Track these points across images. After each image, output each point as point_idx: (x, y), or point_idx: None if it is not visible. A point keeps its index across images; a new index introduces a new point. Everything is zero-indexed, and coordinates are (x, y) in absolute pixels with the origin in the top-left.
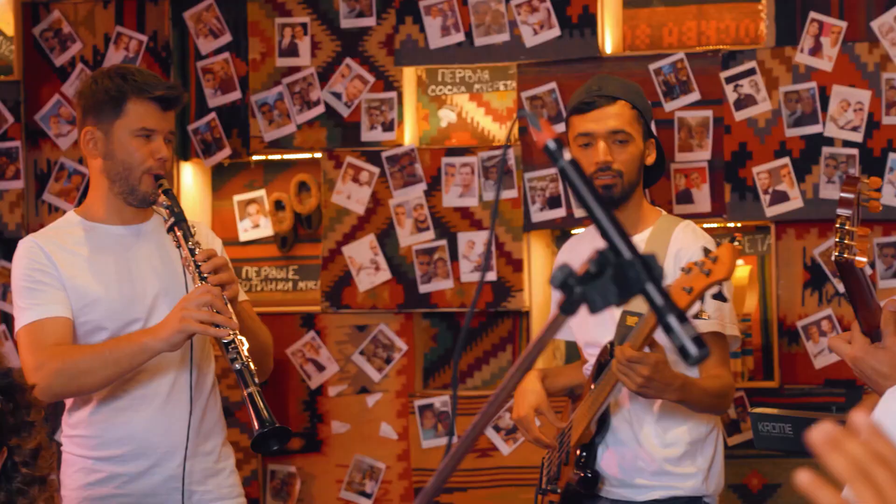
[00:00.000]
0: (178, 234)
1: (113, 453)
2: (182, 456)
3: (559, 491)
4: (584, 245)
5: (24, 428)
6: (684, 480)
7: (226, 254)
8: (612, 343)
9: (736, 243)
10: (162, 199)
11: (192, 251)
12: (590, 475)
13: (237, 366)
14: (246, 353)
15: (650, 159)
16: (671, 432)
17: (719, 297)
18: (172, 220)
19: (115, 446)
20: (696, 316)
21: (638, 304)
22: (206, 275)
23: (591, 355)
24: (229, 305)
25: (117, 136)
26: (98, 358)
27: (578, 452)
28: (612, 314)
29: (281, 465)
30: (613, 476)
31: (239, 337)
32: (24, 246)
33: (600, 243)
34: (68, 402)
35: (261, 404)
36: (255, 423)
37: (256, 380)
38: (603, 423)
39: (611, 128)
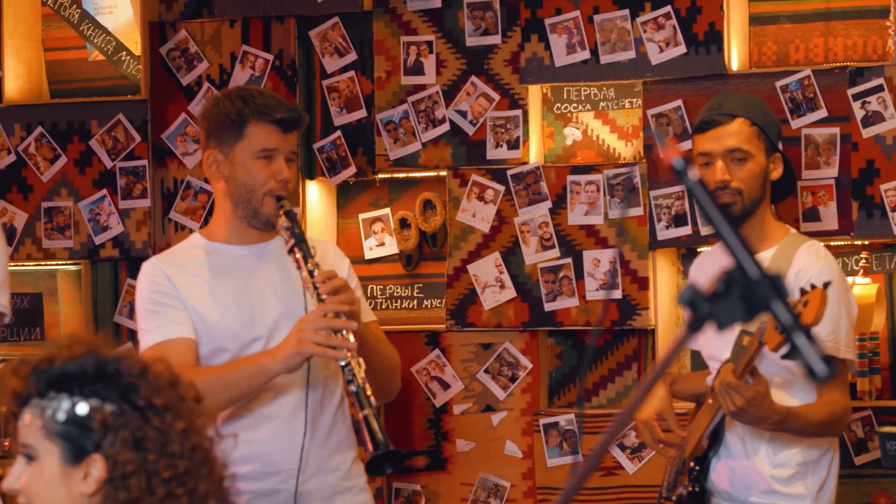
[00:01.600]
0: (298, 255)
1: (239, 472)
2: (308, 474)
3: (673, 499)
4: (714, 262)
5: (132, 444)
6: (794, 501)
7: (353, 274)
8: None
9: (829, 289)
10: (282, 220)
11: (311, 272)
12: (697, 490)
13: (353, 388)
14: (362, 376)
15: (776, 174)
16: (782, 453)
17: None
18: (293, 241)
19: (238, 464)
20: (784, 357)
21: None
22: (324, 296)
23: (714, 368)
24: (351, 325)
25: (239, 158)
26: (218, 380)
27: (692, 464)
28: (735, 331)
29: (406, 483)
30: (724, 490)
31: (356, 359)
32: (146, 269)
33: (728, 260)
34: None
35: (375, 427)
36: (370, 446)
37: (373, 402)
38: (717, 436)
39: (728, 146)
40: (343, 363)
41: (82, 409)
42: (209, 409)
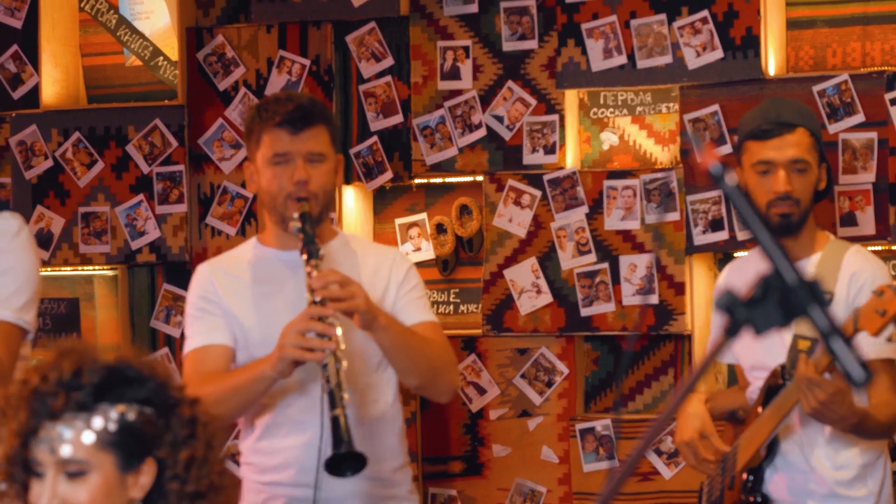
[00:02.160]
0: (304, 257)
1: (277, 478)
2: (331, 481)
3: None
4: (749, 267)
5: (176, 441)
6: (857, 503)
7: (412, 277)
8: (783, 367)
9: None
10: (294, 222)
11: (308, 274)
12: (759, 500)
13: (328, 388)
14: (339, 377)
15: (822, 184)
16: (842, 455)
17: None
18: (302, 243)
19: (278, 471)
20: (889, 339)
21: (810, 328)
22: (317, 299)
23: (756, 378)
24: (335, 328)
25: (260, 167)
26: (224, 387)
27: (745, 476)
28: (782, 337)
29: (442, 488)
30: (782, 500)
31: (336, 360)
32: (197, 273)
33: (764, 266)
34: (240, 430)
35: (342, 427)
36: (332, 444)
37: (345, 403)
38: (771, 447)
39: (791, 157)
40: (323, 364)
41: (132, 415)
42: (224, 416)
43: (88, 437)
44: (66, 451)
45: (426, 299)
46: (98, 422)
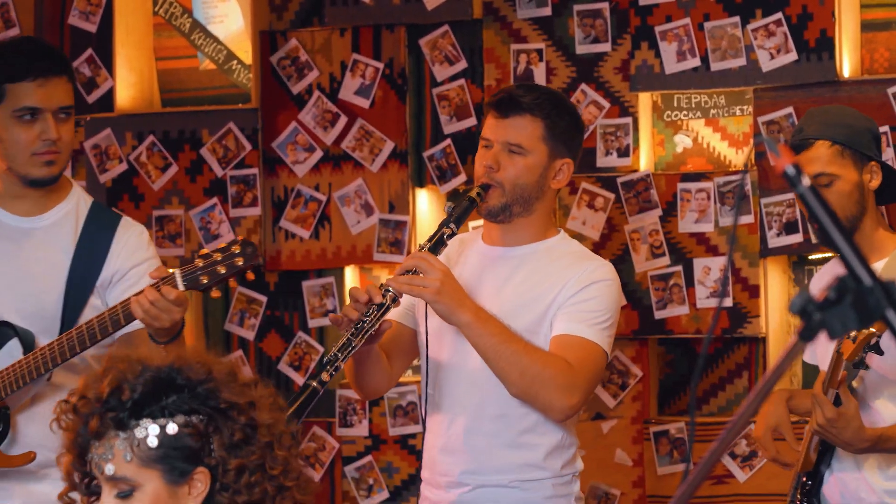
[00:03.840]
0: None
1: (434, 479)
2: (470, 486)
3: None
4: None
5: (228, 447)
6: None
7: (590, 292)
8: None
9: None
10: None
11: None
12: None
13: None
14: (338, 353)
15: (874, 183)
16: (895, 465)
17: None
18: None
19: (430, 472)
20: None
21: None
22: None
23: None
24: (370, 301)
25: None
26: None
27: (804, 479)
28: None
29: None
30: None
31: (355, 334)
32: None
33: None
34: None
35: (300, 399)
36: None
37: (324, 379)
38: (829, 449)
39: (811, 172)
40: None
41: (172, 428)
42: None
43: (128, 456)
44: (109, 470)
45: (592, 315)
46: (136, 440)
